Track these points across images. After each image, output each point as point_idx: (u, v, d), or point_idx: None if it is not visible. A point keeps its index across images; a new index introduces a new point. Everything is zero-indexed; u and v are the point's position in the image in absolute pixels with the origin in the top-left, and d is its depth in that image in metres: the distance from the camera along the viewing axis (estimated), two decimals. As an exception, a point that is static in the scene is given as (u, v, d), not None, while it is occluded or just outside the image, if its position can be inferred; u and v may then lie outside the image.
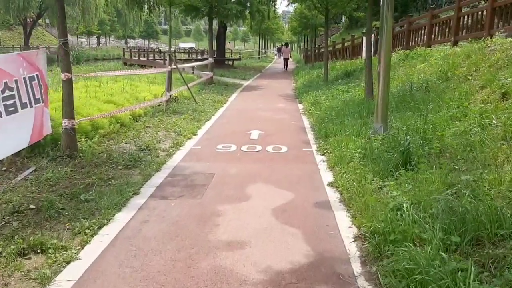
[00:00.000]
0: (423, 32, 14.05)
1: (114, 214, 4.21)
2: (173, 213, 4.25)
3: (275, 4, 36.80)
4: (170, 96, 11.91)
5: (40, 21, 61.46)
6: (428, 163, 4.80)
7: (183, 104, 11.66)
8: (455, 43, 11.58)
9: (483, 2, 14.07)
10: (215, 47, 34.25)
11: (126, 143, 7.10)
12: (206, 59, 30.60)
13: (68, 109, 6.11)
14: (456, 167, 4.29)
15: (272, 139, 7.76)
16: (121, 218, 4.15)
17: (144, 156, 6.28)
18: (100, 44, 79.99)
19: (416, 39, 14.46)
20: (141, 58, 30.71)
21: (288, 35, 61.60)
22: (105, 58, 55.25)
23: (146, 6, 31.58)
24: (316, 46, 31.49)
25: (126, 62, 31.48)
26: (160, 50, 41.42)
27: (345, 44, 22.34)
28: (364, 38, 18.61)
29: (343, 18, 43.86)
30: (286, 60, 32.48)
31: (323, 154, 6.63)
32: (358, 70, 15.09)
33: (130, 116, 8.94)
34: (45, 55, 5.63)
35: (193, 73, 21.66)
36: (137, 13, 34.54)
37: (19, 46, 48.65)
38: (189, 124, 8.94)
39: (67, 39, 6.07)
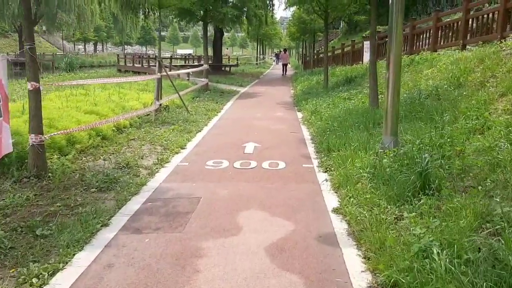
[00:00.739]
0: (427, 35, 13.38)
1: (74, 255, 3.44)
2: (146, 253, 3.48)
3: (272, 9, 36.27)
4: (160, 105, 11.18)
5: (36, 28, 60.93)
6: (451, 187, 4.06)
7: (174, 113, 10.91)
8: (463, 47, 10.89)
9: (487, 5, 13.43)
10: (211, 53, 33.64)
11: (104, 160, 6.34)
12: (202, 65, 29.96)
13: (35, 123, 5.36)
14: (492, 195, 3.53)
15: (268, 153, 7.01)
16: (82, 259, 3.38)
17: (122, 176, 5.51)
18: (97, 51, 79.43)
19: (420, 43, 13.79)
20: (135, 65, 30.04)
21: (286, 40, 61.07)
22: (101, 64, 54.65)
23: (141, 12, 31.08)
24: (315, 51, 30.83)
25: (120, 69, 30.78)
26: (156, 56, 40.81)
27: (345, 49, 21.67)
28: (366, 42, 17.96)
29: (341, 23, 43.35)
30: (285, 65, 32.73)
31: (325, 171, 5.88)
32: (359, 76, 14.39)
33: (113, 128, 8.19)
34: (5, 63, 4.89)
35: (188, 79, 20.98)
36: (132, 19, 33.90)
37: (13, 53, 47.95)
38: (178, 136, 8.19)
39: (34, 43, 5.33)
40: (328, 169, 5.93)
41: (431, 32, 12.78)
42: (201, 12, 15.90)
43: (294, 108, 12.76)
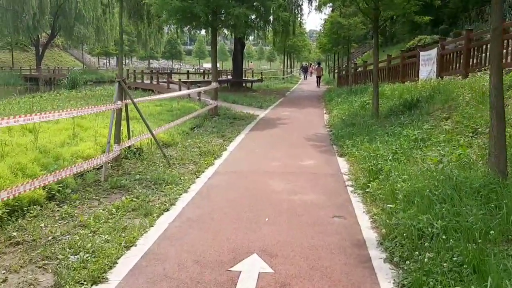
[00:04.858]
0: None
1: None
2: None
3: (301, 15, 32.45)
4: (129, 147, 7.33)
5: (57, 41, 59.30)
6: None
7: (146, 162, 7.01)
8: None
9: None
10: (224, 67, 29.93)
11: None
12: (221, 80, 26.29)
13: None
14: None
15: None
16: None
17: None
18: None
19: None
20: (145, 81, 26.66)
21: (316, 53, 57.09)
22: (121, 79, 52.04)
23: (154, 21, 27.94)
24: (353, 64, 26.49)
25: (130, 86, 27.51)
26: (172, 71, 37.52)
27: (392, 62, 17.41)
28: (423, 53, 13.59)
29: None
30: (318, 78, 35.33)
31: None
32: (423, 99, 10.07)
33: (4, 210, 4.33)
34: None
35: (199, 99, 17.19)
36: (144, 30, 30.91)
37: (28, 68, 45.97)
38: (117, 230, 4.21)
39: None
40: None
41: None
42: (207, 15, 12.03)
43: (333, 150, 8.59)
